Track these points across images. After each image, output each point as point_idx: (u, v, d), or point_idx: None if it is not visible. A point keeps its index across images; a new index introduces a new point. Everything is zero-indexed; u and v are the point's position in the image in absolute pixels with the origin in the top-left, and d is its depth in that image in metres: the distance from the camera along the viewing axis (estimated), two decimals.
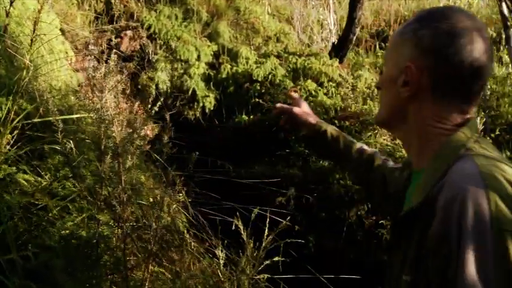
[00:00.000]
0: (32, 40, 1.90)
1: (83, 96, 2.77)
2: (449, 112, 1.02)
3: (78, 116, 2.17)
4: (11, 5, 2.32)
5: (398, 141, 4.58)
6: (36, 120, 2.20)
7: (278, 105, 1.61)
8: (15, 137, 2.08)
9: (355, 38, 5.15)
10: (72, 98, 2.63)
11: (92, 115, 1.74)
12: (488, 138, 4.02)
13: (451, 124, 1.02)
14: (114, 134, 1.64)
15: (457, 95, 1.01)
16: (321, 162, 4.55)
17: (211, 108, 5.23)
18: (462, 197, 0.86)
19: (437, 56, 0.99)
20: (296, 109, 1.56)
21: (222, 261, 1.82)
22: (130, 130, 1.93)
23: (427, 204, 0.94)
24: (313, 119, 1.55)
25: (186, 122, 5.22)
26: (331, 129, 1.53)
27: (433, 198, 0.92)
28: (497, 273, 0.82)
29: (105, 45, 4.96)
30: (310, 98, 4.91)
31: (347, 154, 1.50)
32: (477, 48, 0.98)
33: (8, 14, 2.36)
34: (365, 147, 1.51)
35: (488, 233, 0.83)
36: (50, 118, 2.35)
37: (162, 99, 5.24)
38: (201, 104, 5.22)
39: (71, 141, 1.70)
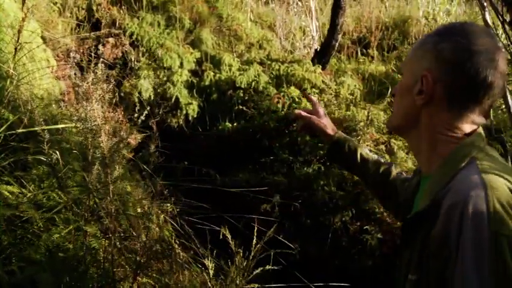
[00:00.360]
0: (16, 49, 1.86)
1: (67, 105, 2.72)
2: (459, 122, 1.08)
3: (63, 126, 2.13)
4: None
5: (381, 146, 4.63)
6: (20, 130, 2.16)
7: (297, 111, 1.68)
8: None
9: (337, 44, 5.19)
10: (55, 107, 2.58)
11: (78, 125, 1.71)
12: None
13: (460, 133, 1.08)
14: (102, 144, 1.61)
15: (468, 107, 1.07)
16: (305, 168, 4.55)
17: (195, 116, 5.20)
18: (464, 203, 0.93)
19: (455, 69, 1.06)
20: (314, 118, 1.61)
21: (211, 271, 1.80)
22: (117, 139, 1.91)
23: (432, 208, 1.01)
24: (331, 129, 1.61)
25: (169, 129, 5.18)
26: (348, 142, 1.59)
27: (438, 203, 0.99)
28: (492, 273, 0.87)
29: (87, 53, 4.91)
30: (294, 104, 4.92)
31: (364, 167, 1.56)
32: (493, 66, 1.05)
33: None
34: (382, 160, 1.58)
35: (485, 237, 0.89)
36: (36, 128, 2.32)
37: (147, 108, 5.23)
38: (184, 112, 5.19)
39: (57, 152, 1.67)
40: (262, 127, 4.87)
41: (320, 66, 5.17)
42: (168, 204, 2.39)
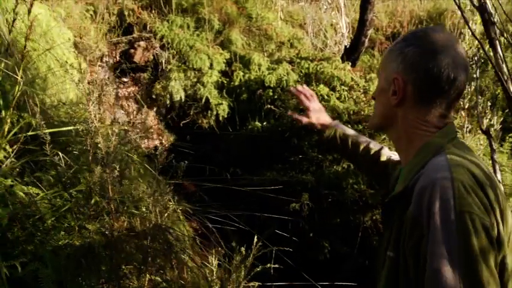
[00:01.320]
0: (41, 54, 1.94)
1: (92, 108, 2.80)
2: (431, 117, 1.21)
3: (67, 128, 2.21)
4: (13, 22, 2.38)
5: None
6: (38, 132, 2.25)
7: (289, 114, 1.88)
8: (15, 150, 2.13)
9: (367, 40, 5.10)
10: (78, 109, 2.68)
11: (78, 127, 1.77)
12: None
13: (433, 127, 1.21)
14: (99, 145, 1.66)
15: (436, 102, 1.20)
16: (334, 167, 4.52)
17: (225, 116, 5.25)
18: (432, 186, 1.06)
19: (420, 70, 1.19)
20: (304, 120, 1.78)
21: (215, 269, 1.82)
22: (122, 140, 1.96)
23: (406, 192, 1.14)
24: (322, 123, 1.78)
25: (200, 130, 5.26)
26: (339, 132, 1.75)
27: (411, 188, 1.12)
28: (459, 244, 1.00)
29: (119, 57, 5.05)
30: (323, 102, 4.88)
31: (355, 152, 1.72)
32: (454, 62, 1.18)
33: (10, 31, 2.41)
34: (372, 144, 1.73)
35: (451, 213, 1.02)
36: (56, 129, 2.41)
37: (178, 109, 5.33)
38: (214, 112, 5.25)
39: (59, 153, 1.73)
40: (291, 126, 4.86)
41: (349, 63, 5.10)
42: (185, 204, 2.41)
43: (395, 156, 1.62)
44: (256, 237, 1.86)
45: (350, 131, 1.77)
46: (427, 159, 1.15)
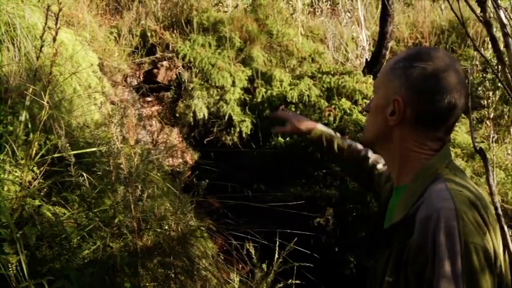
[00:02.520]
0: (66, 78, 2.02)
1: (114, 129, 2.87)
2: (427, 139, 1.21)
3: (90, 149, 2.27)
4: (41, 49, 2.47)
5: None
6: (63, 154, 2.32)
7: (277, 130, 2.00)
8: (42, 171, 2.21)
9: (388, 53, 5.10)
10: (101, 131, 2.75)
11: (101, 148, 1.83)
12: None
13: (428, 149, 1.21)
14: (122, 166, 1.71)
15: (434, 126, 1.20)
16: None
17: (248, 133, 5.28)
18: (437, 216, 1.07)
19: (421, 94, 1.18)
20: (288, 128, 1.90)
21: (237, 285, 1.84)
22: (170, 159, 2.01)
23: (407, 220, 1.15)
24: (306, 127, 1.84)
25: (223, 147, 5.31)
26: (325, 133, 1.78)
27: (412, 215, 1.13)
28: (465, 273, 1.02)
29: (143, 77, 5.16)
30: (345, 116, 4.88)
31: (340, 155, 1.75)
32: (456, 87, 1.17)
33: (38, 57, 2.51)
34: (359, 147, 1.74)
35: (457, 244, 1.04)
36: (80, 151, 2.49)
37: (202, 127, 5.39)
38: (237, 129, 5.29)
39: (84, 174, 1.79)
40: (315, 141, 4.85)
41: (371, 76, 5.09)
42: (209, 221, 2.44)
43: (381, 161, 1.65)
44: (277, 253, 1.87)
45: (335, 134, 1.80)
46: (426, 185, 1.16)
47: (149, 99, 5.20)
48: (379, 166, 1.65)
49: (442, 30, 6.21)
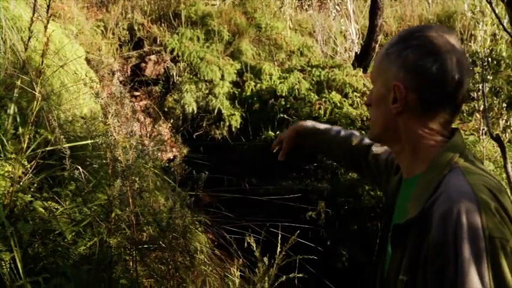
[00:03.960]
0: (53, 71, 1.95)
1: (111, 121, 2.81)
2: (435, 124, 1.13)
3: (84, 142, 2.21)
4: (28, 40, 2.40)
5: None
6: (57, 147, 2.25)
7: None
8: (33, 166, 2.14)
9: (377, 46, 5.09)
10: (90, 124, 2.68)
11: (96, 140, 1.77)
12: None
13: (439, 136, 1.13)
14: (119, 158, 1.65)
15: (443, 107, 1.11)
16: (350, 174, 4.48)
17: (238, 127, 5.25)
18: (457, 211, 0.98)
19: (422, 75, 1.09)
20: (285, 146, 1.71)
21: (237, 280, 1.80)
22: (160, 153, 1.95)
23: (423, 214, 1.05)
24: (296, 133, 1.70)
25: (213, 141, 5.26)
26: (309, 129, 1.68)
27: (428, 210, 1.04)
28: (491, 272, 0.95)
29: (130, 71, 5.08)
30: (336, 109, 4.87)
31: (325, 140, 1.65)
32: (458, 62, 1.09)
33: (26, 49, 2.43)
34: (343, 132, 1.64)
35: (481, 240, 0.96)
36: (72, 144, 2.42)
37: (191, 121, 5.34)
38: (227, 123, 5.25)
39: (79, 167, 1.73)
40: None
41: (361, 70, 5.08)
42: (203, 215, 2.40)
43: (366, 140, 1.57)
44: (279, 246, 1.83)
45: (319, 125, 1.70)
46: (441, 177, 1.07)
47: (137, 93, 5.12)
48: (375, 148, 1.53)
49: (429, 23, 6.22)
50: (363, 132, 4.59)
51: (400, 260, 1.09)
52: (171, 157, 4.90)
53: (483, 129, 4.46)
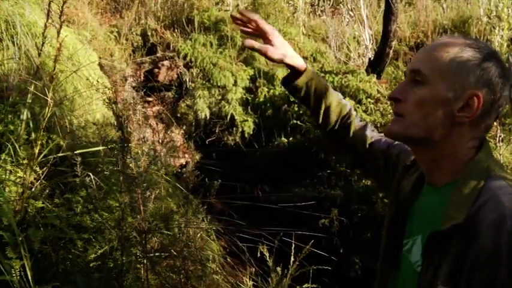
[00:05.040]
0: (67, 76, 1.94)
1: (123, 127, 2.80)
2: (480, 133, 1.12)
3: (95, 149, 2.20)
4: (42, 46, 2.39)
5: None
6: (68, 153, 2.24)
7: (248, 43, 1.45)
8: (45, 172, 2.13)
9: (391, 51, 5.04)
10: (102, 131, 2.67)
11: (108, 146, 1.75)
12: None
13: (476, 143, 1.12)
14: (131, 165, 1.63)
15: (492, 118, 1.12)
16: (363, 181, 4.43)
17: (251, 133, 5.21)
18: (510, 216, 0.98)
19: (494, 93, 1.09)
20: (264, 49, 1.47)
21: None
22: (172, 159, 1.93)
23: (468, 220, 1.03)
24: (295, 64, 1.49)
25: (226, 147, 5.24)
26: (315, 82, 1.48)
27: (474, 216, 1.02)
28: None
29: (143, 77, 5.08)
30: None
31: (327, 109, 1.49)
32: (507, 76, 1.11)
33: (40, 54, 2.43)
34: (343, 102, 1.51)
35: None
36: (84, 150, 2.41)
37: (204, 127, 5.32)
38: (240, 129, 5.22)
39: (90, 174, 1.71)
40: (318, 140, 4.79)
41: (375, 75, 5.03)
42: (216, 223, 2.37)
43: (357, 119, 1.48)
44: (292, 255, 1.79)
45: (323, 81, 1.51)
46: (482, 183, 1.06)
47: (150, 99, 5.12)
48: (369, 132, 1.46)
49: (444, 29, 6.17)
50: None
51: (435, 269, 1.07)
52: (183, 163, 4.88)
53: (500, 136, 4.39)
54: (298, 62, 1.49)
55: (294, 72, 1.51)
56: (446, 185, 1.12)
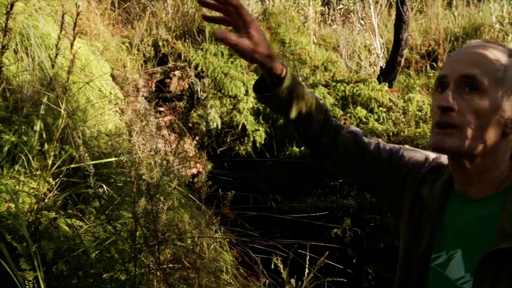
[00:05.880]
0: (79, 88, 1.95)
1: (136, 138, 2.80)
2: None
3: (108, 160, 2.20)
4: (55, 57, 2.41)
5: None
6: (81, 164, 2.25)
7: (219, 34, 1.16)
8: (58, 183, 2.13)
9: (403, 60, 5.01)
10: (114, 141, 2.68)
11: (121, 158, 1.75)
12: None
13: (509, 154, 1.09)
14: (143, 176, 1.63)
15: None
16: None
17: (262, 142, 5.21)
18: None
19: None
20: (241, 43, 1.18)
21: None
22: (184, 169, 1.93)
23: None
24: (275, 65, 1.26)
25: (237, 157, 5.23)
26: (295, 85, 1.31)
27: None
28: None
29: (155, 87, 5.10)
30: (361, 125, 4.80)
31: (309, 97, 1.36)
32: None
33: (53, 66, 2.45)
34: (321, 103, 1.38)
35: None
36: (96, 161, 2.41)
37: (215, 137, 5.32)
38: (251, 139, 5.22)
39: (103, 185, 1.71)
40: None
41: (386, 84, 5.01)
42: (230, 234, 2.35)
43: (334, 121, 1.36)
44: (307, 268, 1.77)
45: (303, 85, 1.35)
46: None
47: (161, 109, 5.14)
48: (359, 138, 1.35)
49: (456, 37, 6.13)
50: None
51: (492, 285, 1.00)
52: (195, 172, 4.87)
53: None
54: (278, 64, 1.27)
55: (271, 77, 1.27)
56: (486, 198, 1.07)
